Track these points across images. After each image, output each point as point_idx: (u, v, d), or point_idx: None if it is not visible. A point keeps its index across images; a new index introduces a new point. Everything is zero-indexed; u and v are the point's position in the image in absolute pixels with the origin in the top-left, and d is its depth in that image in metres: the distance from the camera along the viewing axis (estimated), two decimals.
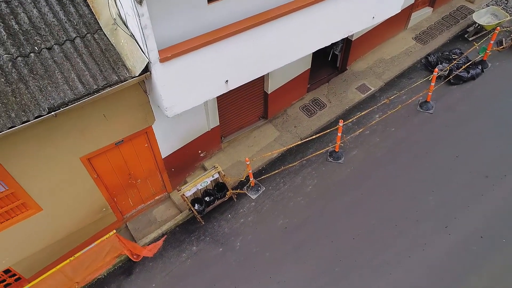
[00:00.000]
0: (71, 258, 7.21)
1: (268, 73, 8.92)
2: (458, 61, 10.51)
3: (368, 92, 10.73)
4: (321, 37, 7.50)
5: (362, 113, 9.81)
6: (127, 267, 8.31)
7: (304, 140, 9.38)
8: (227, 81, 6.71)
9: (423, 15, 12.26)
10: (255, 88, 9.37)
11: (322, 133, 9.32)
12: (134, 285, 8.00)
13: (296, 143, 9.24)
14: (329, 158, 9.46)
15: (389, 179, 8.92)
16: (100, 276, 8.23)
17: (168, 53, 5.63)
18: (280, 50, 6.99)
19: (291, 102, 10.62)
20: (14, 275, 7.98)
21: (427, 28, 12.12)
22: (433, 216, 8.20)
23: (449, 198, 8.41)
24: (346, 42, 10.63)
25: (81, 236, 8.25)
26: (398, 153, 9.36)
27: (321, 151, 9.50)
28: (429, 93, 9.93)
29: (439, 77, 10.48)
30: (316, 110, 10.49)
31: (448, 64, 10.64)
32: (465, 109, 9.96)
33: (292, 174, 9.30)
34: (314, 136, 9.30)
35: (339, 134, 8.95)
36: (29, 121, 5.33)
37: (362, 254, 7.83)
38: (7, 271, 7.79)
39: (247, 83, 7.33)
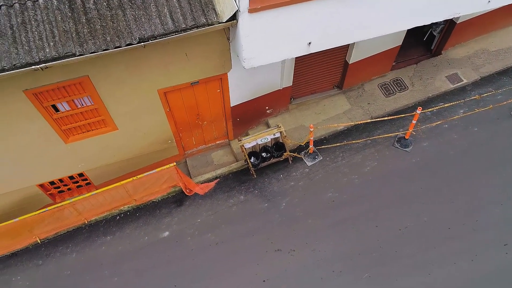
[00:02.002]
0: (134, 178, 7.98)
1: (354, 43, 8.48)
2: None
3: (459, 84, 9.79)
4: (421, 14, 6.86)
5: (446, 105, 9.05)
6: (179, 198, 9.00)
7: (374, 120, 8.99)
8: (310, 43, 6.52)
9: None
10: (336, 55, 9.01)
11: (395, 116, 8.83)
12: (182, 215, 8.69)
13: (365, 121, 8.90)
14: (396, 144, 9.03)
15: (456, 180, 8.35)
16: (155, 200, 9.03)
17: (258, 5, 5.56)
18: (372, 21, 6.56)
19: (371, 77, 10.09)
20: (86, 179, 9.08)
21: None
22: (494, 230, 7.62)
23: None
24: (449, 24, 9.62)
25: (145, 160, 9.02)
26: (474, 156, 8.63)
27: (390, 134, 9.07)
28: None
29: None
30: (395, 91, 9.88)
31: None
32: None
33: (353, 151, 9.08)
34: (386, 118, 8.87)
35: (414, 122, 8.43)
36: (121, 47, 5.73)
37: (405, 247, 7.63)
38: (81, 175, 8.88)
39: (329, 48, 7.07)
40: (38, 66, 5.49)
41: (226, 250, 8.03)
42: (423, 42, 10.45)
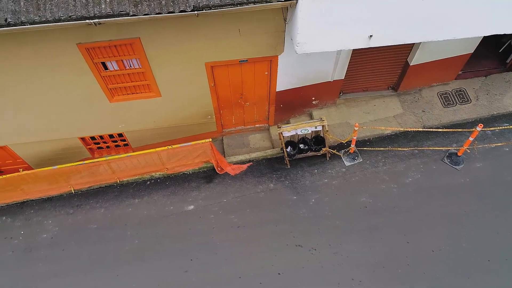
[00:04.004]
0: (169, 147, 8.01)
1: (420, 43, 7.80)
2: None
3: None
4: (507, 21, 6.09)
5: (511, 127, 8.18)
6: (209, 175, 8.97)
7: (426, 129, 8.32)
8: (371, 36, 6.03)
9: None
10: (398, 54, 8.37)
11: (451, 130, 8.12)
12: (209, 192, 8.66)
13: (416, 129, 8.26)
14: (445, 159, 8.33)
15: (507, 210, 7.58)
16: (186, 172, 9.07)
17: None
18: (447, 20, 5.91)
19: (431, 83, 9.33)
20: (124, 140, 9.28)
21: None
22: None
23: None
24: None
25: (182, 131, 9.03)
26: None
27: (441, 148, 8.38)
28: None
29: None
30: (456, 102, 9.08)
31: None
32: None
33: (396, 158, 8.51)
34: (440, 130, 8.19)
35: (471, 139, 7.69)
36: (174, 12, 5.59)
37: (435, 269, 7.09)
38: (120, 135, 9.08)
39: (391, 45, 6.52)
40: (92, 21, 5.50)
41: (246, 234, 7.91)
42: (498, 53, 9.46)
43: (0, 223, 8.90)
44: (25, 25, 5.41)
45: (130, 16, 5.53)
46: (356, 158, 8.63)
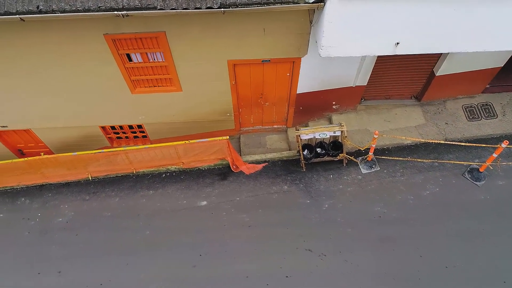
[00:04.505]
0: (186, 141, 8.07)
1: (448, 53, 7.61)
2: None
3: None
4: None
5: None
6: (224, 172, 8.99)
7: (448, 142, 8.10)
8: (397, 43, 5.91)
9: None
10: (424, 63, 8.18)
11: (474, 144, 7.88)
12: (223, 189, 8.67)
13: (438, 141, 8.06)
14: (466, 174, 8.10)
15: None
16: (201, 168, 9.11)
17: None
18: (479, 32, 5.73)
19: (456, 95, 9.09)
20: (143, 132, 9.40)
21: None
22: None
23: None
24: None
25: (201, 127, 9.08)
26: None
27: (462, 162, 8.15)
28: None
29: None
30: (481, 116, 8.81)
31: None
32: None
33: (415, 170, 8.32)
34: (462, 143, 7.95)
35: (495, 155, 7.45)
36: (201, 8, 5.62)
37: (447, 285, 6.90)
38: (139, 127, 9.20)
39: (418, 54, 6.37)
40: (120, 13, 5.59)
41: (256, 234, 7.89)
42: None
43: (19, 204, 9.17)
44: (55, 13, 5.55)
45: (158, 9, 5.59)
46: (374, 166, 8.49)
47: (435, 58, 8.04)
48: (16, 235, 8.57)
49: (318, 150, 8.46)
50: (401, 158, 8.43)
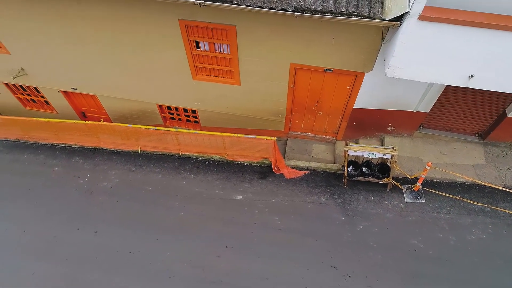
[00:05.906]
0: (235, 135, 8.22)
1: None
2: None
3: None
4: None
5: None
6: (264, 171, 9.04)
7: (507, 189, 7.53)
8: (471, 76, 5.58)
9: None
10: (496, 101, 7.65)
11: None
12: (260, 188, 8.73)
13: (495, 186, 7.52)
14: None
15: None
16: (244, 163, 9.24)
17: (432, 14, 4.90)
18: None
19: None
20: (196, 117, 9.71)
21: None
22: None
23: None
24: None
25: (251, 123, 9.20)
26: None
27: None
28: None
29: None
30: None
31: None
32: None
33: (463, 210, 7.84)
34: None
35: None
36: (275, 9, 5.68)
37: None
38: (193, 112, 9.51)
39: (491, 91, 5.97)
40: (198, 1, 5.81)
41: (285, 240, 7.86)
42: None
43: (73, 162, 9.88)
44: None
45: (233, 4, 5.73)
46: (419, 197, 8.11)
47: (510, 98, 7.49)
48: (66, 190, 9.25)
49: (364, 169, 8.24)
50: (451, 196, 7.96)
